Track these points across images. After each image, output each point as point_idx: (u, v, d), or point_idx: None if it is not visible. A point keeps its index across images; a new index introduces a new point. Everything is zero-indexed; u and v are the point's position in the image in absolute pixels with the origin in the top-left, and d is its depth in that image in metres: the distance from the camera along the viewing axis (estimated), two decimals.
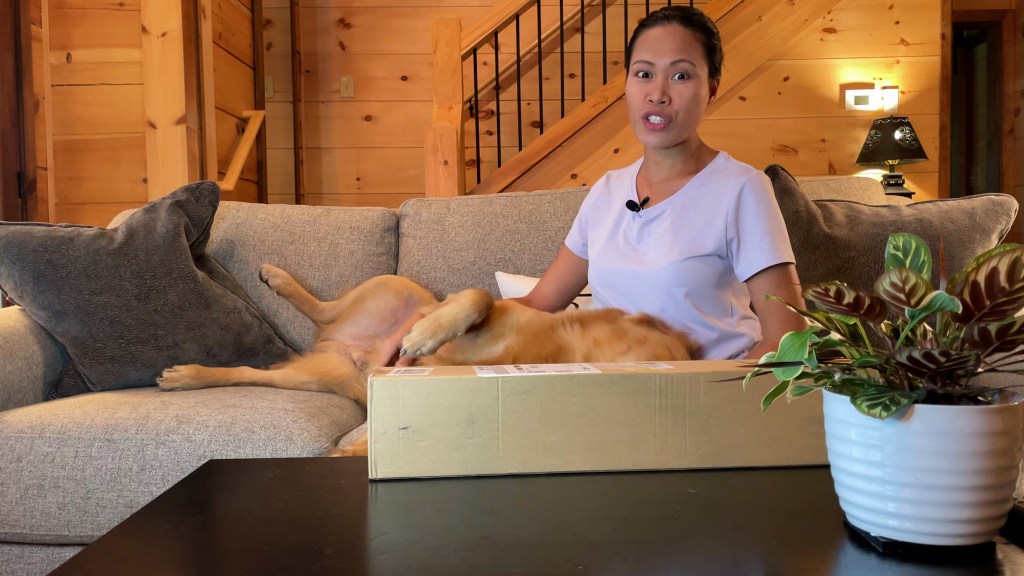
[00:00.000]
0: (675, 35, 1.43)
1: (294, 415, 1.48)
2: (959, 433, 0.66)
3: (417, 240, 2.07)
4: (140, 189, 3.43)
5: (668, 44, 1.43)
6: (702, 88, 1.45)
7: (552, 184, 4.17)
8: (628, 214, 1.54)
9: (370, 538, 0.76)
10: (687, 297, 1.43)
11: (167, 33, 3.36)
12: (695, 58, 1.43)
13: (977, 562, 0.68)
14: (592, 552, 0.71)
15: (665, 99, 1.42)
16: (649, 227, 1.50)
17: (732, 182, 1.46)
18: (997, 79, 5.71)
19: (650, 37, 1.45)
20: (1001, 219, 1.87)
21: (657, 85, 1.43)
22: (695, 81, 1.43)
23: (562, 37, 4.49)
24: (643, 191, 1.55)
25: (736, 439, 0.97)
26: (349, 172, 5.01)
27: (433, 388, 0.95)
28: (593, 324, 1.38)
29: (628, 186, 1.58)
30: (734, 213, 1.44)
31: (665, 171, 1.53)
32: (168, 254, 1.79)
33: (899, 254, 0.74)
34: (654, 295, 1.45)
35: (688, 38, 1.43)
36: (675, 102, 1.43)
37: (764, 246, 1.42)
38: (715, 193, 1.47)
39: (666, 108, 1.43)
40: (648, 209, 1.51)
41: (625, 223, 1.54)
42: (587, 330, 1.36)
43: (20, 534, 1.43)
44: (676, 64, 1.42)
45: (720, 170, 1.50)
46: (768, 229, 1.43)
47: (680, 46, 1.42)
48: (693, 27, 1.44)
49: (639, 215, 1.52)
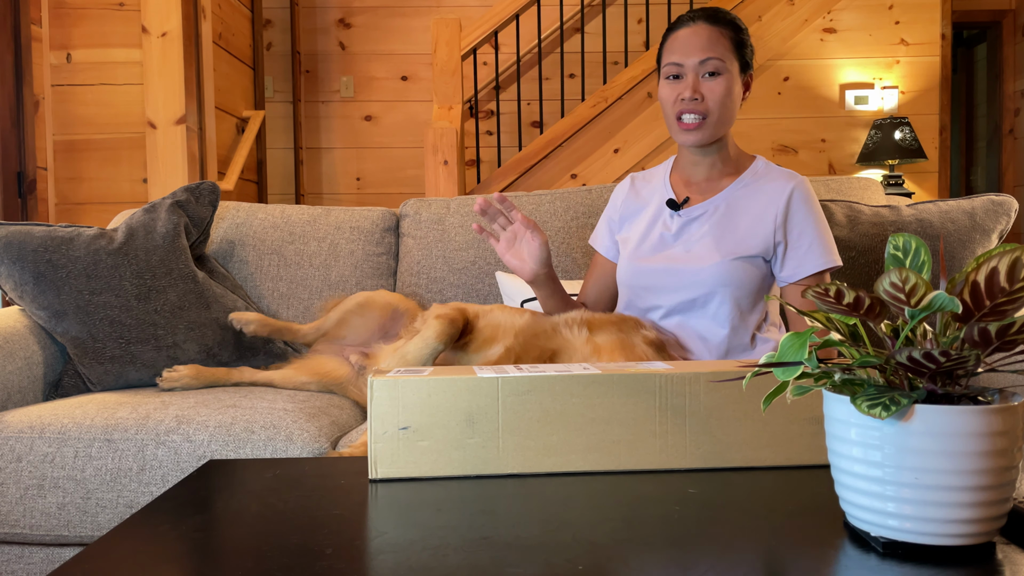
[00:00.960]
0: (701, 34, 1.44)
1: (294, 415, 1.48)
2: (959, 433, 0.66)
3: (417, 240, 2.07)
4: (140, 189, 3.43)
5: (695, 43, 1.43)
6: (734, 84, 1.45)
7: (552, 184, 4.17)
8: (665, 213, 1.53)
9: (370, 538, 0.76)
10: (729, 297, 1.44)
11: (167, 33, 3.36)
12: (724, 54, 1.43)
13: (977, 562, 0.68)
14: (592, 552, 0.71)
15: (697, 96, 1.43)
16: (690, 226, 1.50)
17: (780, 186, 1.47)
18: (997, 79, 5.72)
19: (678, 39, 1.46)
20: (1001, 219, 1.87)
21: (688, 84, 1.43)
22: (726, 77, 1.43)
23: (562, 37, 4.49)
24: (680, 191, 1.55)
25: (736, 439, 0.97)
26: (349, 172, 5.02)
27: (433, 388, 0.95)
28: (602, 329, 1.37)
29: (661, 186, 1.58)
30: (783, 217, 1.45)
31: (704, 171, 1.53)
32: (168, 254, 1.79)
33: (899, 254, 0.74)
34: (694, 293, 1.45)
35: (715, 35, 1.43)
36: (707, 99, 1.43)
37: (815, 250, 1.44)
38: (762, 196, 1.47)
39: (699, 105, 1.43)
40: (689, 208, 1.51)
41: (662, 222, 1.53)
42: (593, 335, 1.36)
43: (20, 534, 1.43)
44: (705, 62, 1.42)
45: (763, 173, 1.51)
46: (819, 233, 1.46)
47: (707, 44, 1.43)
48: (719, 24, 1.45)
49: (679, 214, 1.51)
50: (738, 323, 1.45)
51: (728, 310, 1.44)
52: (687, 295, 1.46)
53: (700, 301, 1.45)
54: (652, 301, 1.50)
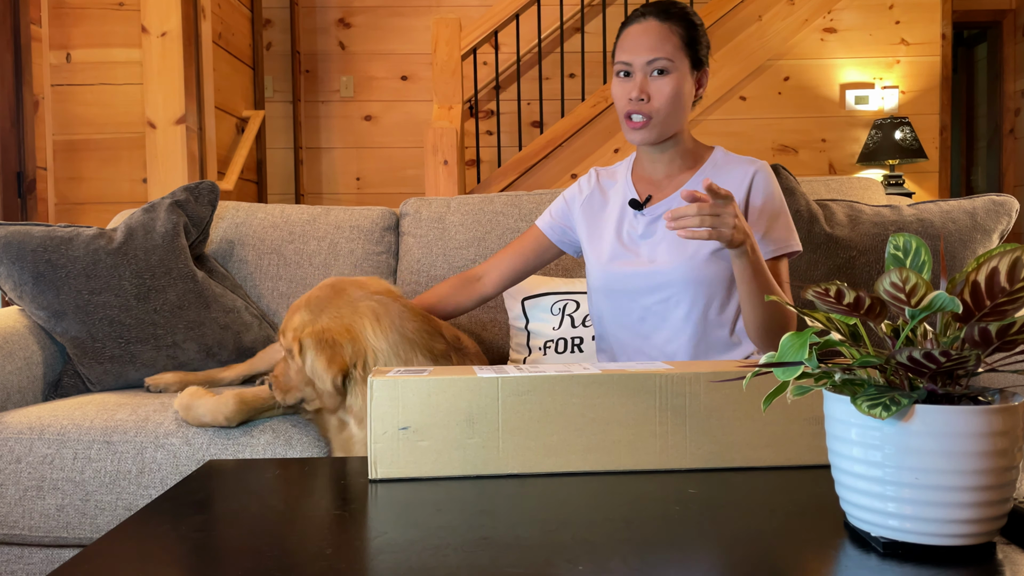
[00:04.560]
0: (650, 32, 1.42)
1: (293, 419, 1.48)
2: (959, 433, 0.66)
3: (417, 239, 2.07)
4: (140, 189, 3.43)
5: (643, 42, 1.42)
6: (683, 82, 1.43)
7: (552, 184, 4.17)
8: (629, 213, 1.52)
9: (370, 538, 0.76)
10: (703, 294, 1.42)
11: (167, 33, 3.36)
12: (672, 53, 1.41)
13: (977, 562, 0.68)
14: (592, 552, 0.71)
15: (644, 96, 1.41)
16: (654, 226, 1.48)
17: (739, 172, 1.46)
18: (997, 79, 5.71)
19: (628, 36, 1.45)
20: (1002, 219, 1.86)
21: (636, 84, 1.42)
22: (674, 76, 1.42)
23: (562, 37, 4.49)
24: (642, 189, 1.53)
25: (736, 439, 0.97)
26: (349, 172, 5.01)
27: (433, 388, 0.95)
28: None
29: (623, 184, 1.56)
30: (744, 203, 1.44)
31: (663, 168, 1.52)
32: (167, 254, 1.79)
33: (899, 254, 0.73)
34: (666, 293, 1.44)
35: (664, 32, 1.42)
36: (654, 99, 1.42)
37: (773, 235, 1.43)
38: (723, 185, 1.45)
39: (645, 106, 1.42)
40: (652, 207, 1.49)
41: (627, 223, 1.52)
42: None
43: (19, 535, 1.43)
44: (652, 62, 1.41)
45: (723, 163, 1.49)
46: (777, 218, 1.44)
47: (655, 43, 1.41)
48: (670, 20, 1.43)
49: (643, 214, 1.50)
50: (715, 318, 1.44)
51: (702, 307, 1.43)
52: (660, 295, 1.45)
53: (673, 301, 1.44)
54: (627, 304, 1.48)
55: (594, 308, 1.57)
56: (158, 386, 1.68)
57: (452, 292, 1.64)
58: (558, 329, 1.83)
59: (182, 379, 1.70)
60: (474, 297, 1.65)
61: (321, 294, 1.35)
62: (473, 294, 1.64)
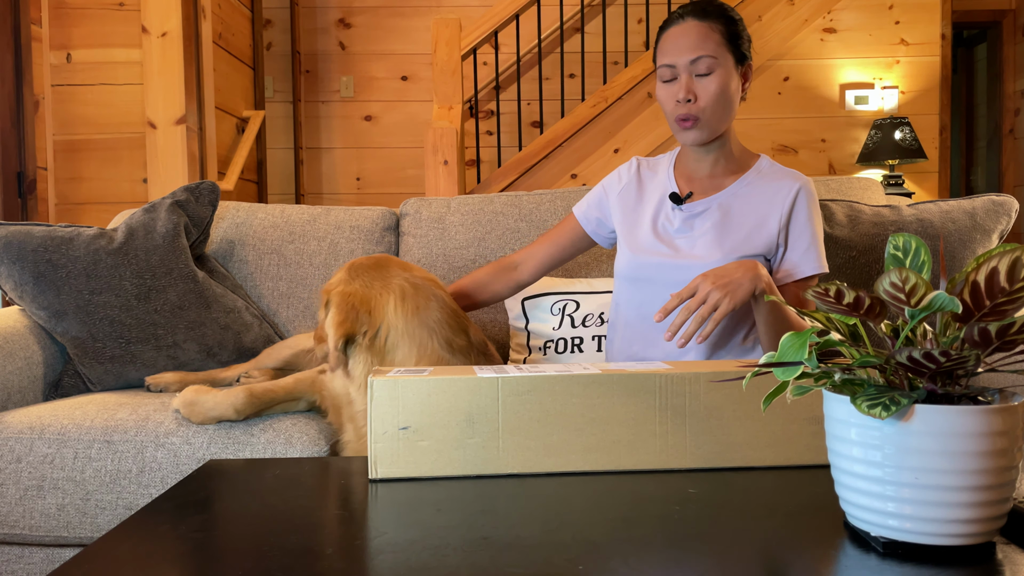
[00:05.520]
0: (691, 32, 1.43)
1: (293, 418, 1.48)
2: (959, 433, 0.66)
3: (417, 239, 2.07)
4: (140, 189, 3.43)
5: (684, 42, 1.42)
6: (729, 79, 1.44)
7: (552, 184, 4.17)
8: (667, 206, 1.53)
9: (370, 538, 0.76)
10: None
11: (167, 33, 3.36)
12: (715, 50, 1.42)
13: (977, 562, 0.68)
14: (592, 552, 0.71)
15: (691, 97, 1.42)
16: (692, 222, 1.49)
17: (785, 185, 1.47)
18: (997, 79, 5.71)
19: (668, 39, 1.45)
20: (1002, 219, 1.87)
21: (682, 85, 1.42)
22: (719, 73, 1.42)
23: (562, 37, 4.49)
24: (683, 186, 1.54)
25: (736, 439, 0.97)
26: (349, 172, 5.02)
27: (433, 388, 0.95)
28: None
29: (664, 178, 1.57)
30: (787, 217, 1.45)
31: (707, 168, 1.52)
32: (168, 254, 1.79)
33: (899, 254, 0.74)
34: None
35: (704, 31, 1.42)
36: (701, 98, 1.42)
37: (811, 254, 1.45)
38: (767, 195, 1.47)
39: (692, 107, 1.42)
40: (692, 203, 1.50)
41: (664, 215, 1.52)
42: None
43: (19, 535, 1.43)
44: (696, 62, 1.41)
45: (767, 173, 1.50)
46: (816, 237, 1.46)
47: (696, 42, 1.42)
48: (709, 18, 1.43)
49: (681, 208, 1.50)
50: (735, 320, 1.44)
51: None
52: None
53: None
54: (651, 294, 1.49)
55: (615, 294, 1.59)
56: (158, 385, 1.69)
57: (489, 279, 1.67)
58: (558, 329, 1.83)
59: (182, 379, 1.70)
60: (510, 285, 1.68)
61: (365, 262, 1.42)
62: (510, 282, 1.67)
